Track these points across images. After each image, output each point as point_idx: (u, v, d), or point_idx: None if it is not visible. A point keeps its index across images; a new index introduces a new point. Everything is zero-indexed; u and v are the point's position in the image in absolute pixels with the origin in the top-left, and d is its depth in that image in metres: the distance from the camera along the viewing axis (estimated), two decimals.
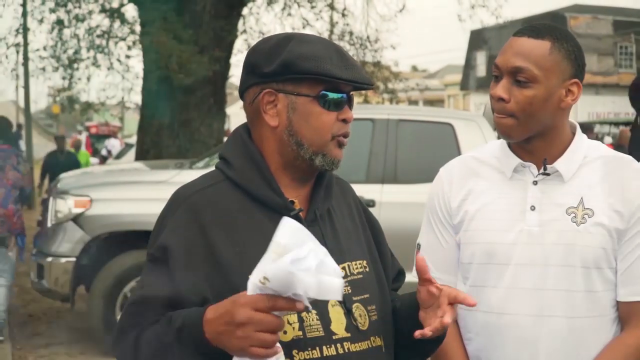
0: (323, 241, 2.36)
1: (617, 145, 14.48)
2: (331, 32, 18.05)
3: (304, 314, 2.27)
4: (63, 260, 8.26)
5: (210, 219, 2.30)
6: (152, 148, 13.90)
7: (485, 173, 2.79)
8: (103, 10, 15.00)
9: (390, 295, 2.57)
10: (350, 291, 2.38)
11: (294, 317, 2.26)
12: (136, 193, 8.35)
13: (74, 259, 8.23)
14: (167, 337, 2.14)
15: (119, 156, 23.45)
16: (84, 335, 9.05)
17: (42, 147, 32.24)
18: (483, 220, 2.72)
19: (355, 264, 2.45)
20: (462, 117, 9.26)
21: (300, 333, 2.26)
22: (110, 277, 8.14)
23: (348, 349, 2.31)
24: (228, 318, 2.03)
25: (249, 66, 2.38)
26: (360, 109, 9.00)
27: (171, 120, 13.83)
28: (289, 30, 17.77)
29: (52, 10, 14.99)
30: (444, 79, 67.13)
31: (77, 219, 8.27)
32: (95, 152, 27.41)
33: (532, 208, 2.67)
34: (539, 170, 2.69)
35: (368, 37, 17.78)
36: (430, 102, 61.26)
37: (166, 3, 13.42)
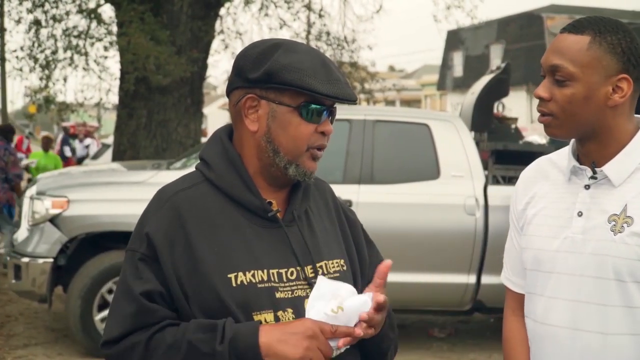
0: (302, 241, 2.43)
1: None
2: (308, 32, 18.08)
3: (280, 312, 2.34)
4: (40, 261, 8.25)
5: (191, 219, 2.37)
6: (129, 149, 13.89)
7: (552, 175, 2.67)
8: (80, 11, 14.96)
9: None
10: None
11: (270, 316, 2.33)
12: (114, 194, 8.36)
13: (51, 260, 8.22)
14: (205, 346, 2.23)
15: (96, 157, 23.37)
16: (62, 336, 9.06)
17: None
18: (537, 225, 2.63)
19: (333, 263, 2.51)
20: (438, 118, 9.30)
21: None
22: (88, 278, 8.14)
23: None
24: (301, 329, 2.24)
25: (237, 69, 2.44)
26: (337, 110, 9.01)
27: (148, 121, 13.83)
28: (265, 30, 17.81)
29: (30, 11, 14.93)
30: (421, 79, 67.20)
31: (54, 220, 8.28)
32: (72, 152, 27.25)
33: (580, 214, 2.52)
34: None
35: (345, 38, 17.82)
36: (407, 103, 61.31)
37: (143, 4, 13.41)
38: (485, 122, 10.09)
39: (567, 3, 50.76)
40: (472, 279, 8.50)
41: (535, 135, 10.71)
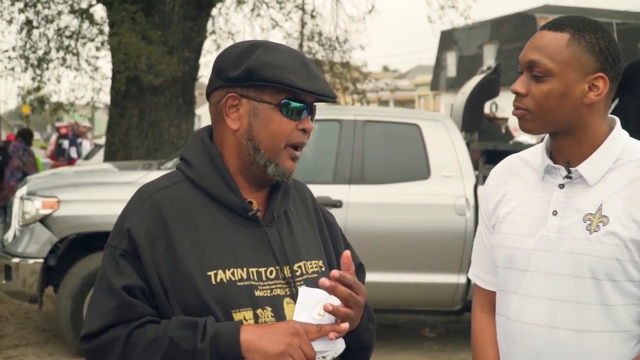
0: (280, 241, 2.44)
1: None
2: (301, 33, 18.09)
3: (259, 311, 2.36)
4: (31, 261, 8.24)
5: (171, 217, 2.39)
6: (120, 149, 13.88)
7: (524, 174, 2.68)
8: (72, 11, 14.95)
9: None
10: None
11: (249, 314, 2.35)
12: (104, 194, 8.34)
13: (41, 260, 8.22)
14: (186, 343, 2.24)
15: (88, 157, 23.35)
16: (52, 336, 9.07)
17: None
18: (510, 224, 2.64)
19: (311, 264, 2.53)
20: (428, 118, 9.32)
21: None
22: (79, 278, 8.14)
23: None
24: (283, 328, 2.26)
25: (217, 69, 2.47)
26: (327, 110, 9.04)
27: (140, 121, 13.82)
28: (258, 31, 17.80)
29: (21, 11, 14.92)
30: (415, 79, 67.25)
31: (44, 220, 8.28)
32: (62, 153, 27.24)
33: (554, 213, 2.53)
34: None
35: (337, 38, 17.84)
36: (400, 103, 61.36)
37: (134, 4, 13.41)
38: (476, 122, 10.11)
39: (561, 3, 50.86)
40: (462, 278, 8.50)
41: (526, 135, 10.73)
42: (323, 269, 2.55)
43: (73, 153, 25.76)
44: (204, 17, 14.70)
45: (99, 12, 15.54)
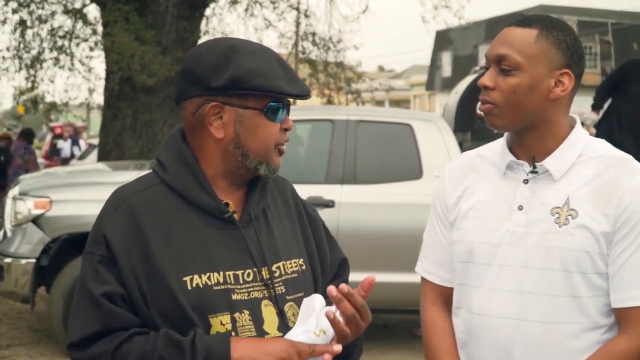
0: (257, 242, 2.43)
1: None
2: (297, 33, 18.09)
3: (236, 314, 2.34)
4: (23, 261, 8.23)
5: (147, 221, 2.36)
6: (114, 149, 13.86)
7: (484, 170, 2.72)
8: (66, 11, 14.94)
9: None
10: (284, 290, 2.45)
11: (227, 318, 2.33)
12: (97, 194, 8.25)
13: (34, 260, 8.21)
14: None
15: (82, 157, 23.34)
16: (44, 336, 9.06)
17: None
18: (473, 219, 2.67)
19: (290, 263, 2.51)
20: (421, 118, 9.31)
21: (233, 333, 2.32)
22: (71, 279, 8.10)
23: None
24: (276, 349, 2.24)
25: (193, 78, 2.40)
26: (320, 110, 9.05)
27: (133, 121, 13.81)
28: (252, 30, 17.78)
29: (15, 11, 14.90)
30: (410, 79, 67.25)
31: (37, 220, 8.27)
32: (57, 153, 27.24)
33: (520, 208, 2.58)
34: (531, 167, 2.60)
35: (331, 38, 17.83)
36: (396, 103, 61.36)
37: (128, 4, 13.40)
38: (469, 122, 10.12)
39: (556, 3, 50.90)
40: None
41: None
42: (303, 267, 2.55)
43: (77, 152, 25.82)
44: (198, 17, 14.68)
45: (93, 12, 15.54)
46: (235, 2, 15.93)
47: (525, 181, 2.60)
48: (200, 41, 15.12)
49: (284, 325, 2.41)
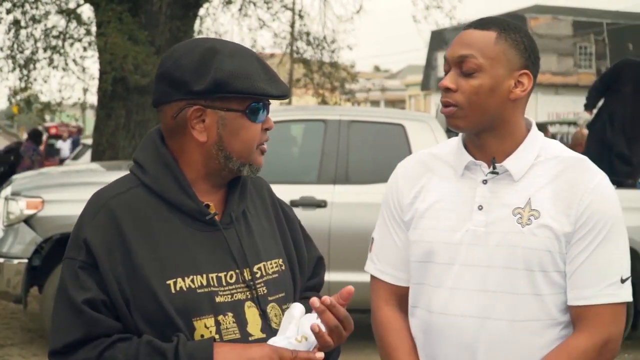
0: (239, 243, 2.42)
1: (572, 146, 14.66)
2: (292, 33, 18.09)
3: (220, 317, 2.33)
4: (15, 261, 8.22)
5: (128, 224, 2.33)
6: (108, 149, 13.86)
7: (439, 170, 2.73)
8: (60, 11, 14.93)
9: (303, 294, 2.65)
10: (265, 291, 2.45)
11: (211, 321, 2.32)
12: (89, 194, 8.13)
13: (26, 261, 8.20)
14: None
15: (77, 157, 23.32)
16: (37, 336, 9.05)
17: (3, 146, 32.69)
18: (431, 219, 2.68)
19: (271, 264, 2.51)
20: (413, 118, 9.32)
21: (217, 336, 2.32)
22: None
23: None
24: (258, 354, 2.23)
25: (173, 81, 2.38)
26: (312, 110, 9.05)
27: (127, 121, 13.81)
28: (245, 30, 17.78)
29: (9, 11, 14.90)
30: (405, 79, 67.20)
31: (29, 220, 8.26)
32: (54, 153, 27.25)
33: (480, 208, 2.61)
34: (489, 168, 2.63)
35: (325, 38, 17.84)
36: (391, 103, 61.33)
37: (121, 4, 13.39)
38: None
39: (551, 3, 50.93)
40: None
41: None
42: (283, 267, 2.55)
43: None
44: (191, 17, 14.69)
45: (87, 12, 15.54)
46: (229, 2, 15.95)
47: (484, 181, 2.63)
48: None
49: (267, 327, 2.41)
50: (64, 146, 26.77)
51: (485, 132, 2.62)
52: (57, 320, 2.32)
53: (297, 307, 2.34)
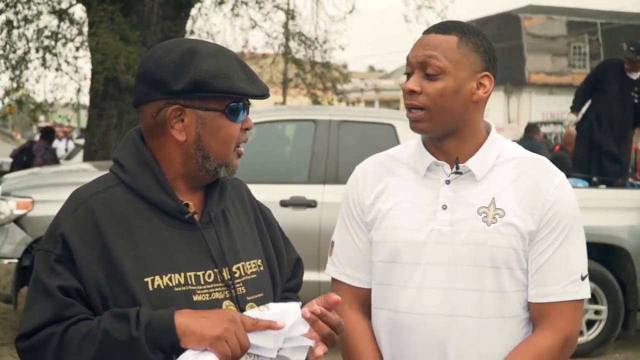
0: (218, 243, 2.43)
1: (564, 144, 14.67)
2: (286, 34, 18.09)
3: None
4: (5, 261, 8.23)
5: (107, 222, 2.34)
6: (100, 149, 13.86)
7: (399, 171, 2.77)
8: (53, 11, 14.92)
9: (282, 295, 2.66)
10: (244, 291, 2.45)
11: None
12: None
13: (16, 261, 8.20)
14: (120, 334, 2.18)
15: (69, 157, 23.30)
16: None
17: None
18: (395, 219, 2.71)
19: (250, 264, 2.52)
20: (403, 118, 9.28)
21: None
22: None
23: None
24: (220, 313, 2.22)
25: (153, 81, 2.39)
26: (302, 110, 9.05)
27: (119, 121, 13.80)
28: (238, 30, 17.78)
29: (1, 11, 14.88)
30: (400, 79, 67.14)
31: (19, 221, 8.26)
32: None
33: (444, 207, 2.65)
34: (452, 169, 2.67)
35: (317, 38, 17.85)
36: (386, 103, 61.26)
37: (113, 4, 13.39)
38: None
39: (545, 3, 50.94)
40: None
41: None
42: (262, 267, 2.56)
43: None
44: (183, 17, 14.69)
45: (79, 12, 15.54)
46: (222, 3, 15.94)
47: (447, 182, 2.68)
48: None
49: None
50: (60, 146, 26.76)
51: (448, 136, 2.66)
52: (28, 307, 2.32)
53: (293, 308, 2.32)
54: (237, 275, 2.45)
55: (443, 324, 2.62)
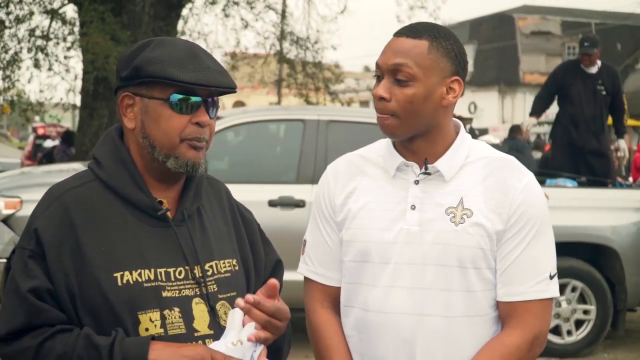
0: (190, 241, 2.44)
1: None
2: (280, 34, 18.09)
3: (166, 311, 2.36)
4: None
5: (80, 217, 2.37)
6: (90, 149, 13.80)
7: (370, 171, 2.77)
8: (45, 11, 14.91)
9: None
10: (216, 289, 2.47)
11: (156, 315, 2.35)
12: None
13: (4, 260, 8.18)
14: None
15: None
16: None
17: None
18: (364, 218, 2.72)
19: (224, 263, 2.53)
20: None
21: (162, 330, 2.35)
22: None
23: None
24: (191, 353, 2.26)
25: (117, 72, 2.47)
26: (291, 110, 9.05)
27: (110, 121, 13.79)
28: (230, 31, 17.79)
29: None
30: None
31: (7, 220, 8.25)
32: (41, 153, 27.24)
33: (413, 207, 2.66)
34: (421, 169, 2.68)
35: (308, 37, 17.85)
36: None
37: (104, 4, 13.38)
38: None
39: (539, 4, 50.98)
40: None
41: (489, 135, 10.82)
42: (237, 267, 2.57)
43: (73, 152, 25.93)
44: (174, 17, 14.69)
45: (71, 12, 15.52)
46: (214, 3, 15.93)
47: (416, 182, 2.68)
48: None
49: (216, 324, 2.43)
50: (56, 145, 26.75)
51: (417, 137, 2.67)
52: (4, 308, 2.36)
53: (236, 312, 2.36)
54: (209, 273, 2.47)
55: (411, 323, 2.63)
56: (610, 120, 10.69)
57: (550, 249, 2.71)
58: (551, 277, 2.68)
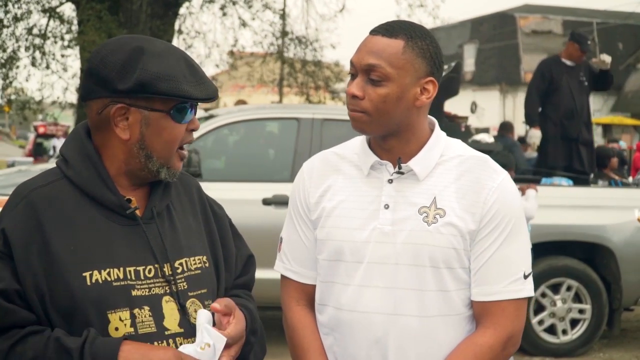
0: (160, 238, 2.43)
1: None
2: (282, 33, 18.09)
3: (136, 310, 2.34)
4: None
5: (47, 216, 2.34)
6: None
7: (345, 169, 2.77)
8: (43, 10, 14.93)
9: (232, 291, 2.66)
10: (186, 287, 2.46)
11: (126, 314, 2.33)
12: None
13: None
14: None
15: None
16: None
17: None
18: (338, 217, 2.71)
19: (194, 260, 2.51)
20: None
21: (132, 329, 2.33)
22: None
23: (181, 344, 2.38)
24: (160, 357, 2.25)
25: (99, 79, 2.37)
26: (286, 109, 9.02)
27: None
28: (229, 30, 17.79)
29: None
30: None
31: None
32: (43, 152, 27.28)
33: (386, 207, 2.65)
34: (394, 168, 2.67)
35: (308, 37, 17.87)
36: None
37: (102, 2, 13.39)
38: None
39: (540, 3, 50.93)
40: None
41: (484, 134, 10.78)
42: (207, 264, 2.55)
43: None
44: (172, 15, 14.70)
45: (68, 11, 15.54)
46: (211, 2, 15.95)
47: (390, 181, 2.67)
48: (174, 40, 15.16)
49: (186, 322, 2.42)
50: (59, 144, 26.81)
51: (390, 136, 2.65)
52: None
53: (202, 314, 2.37)
54: (179, 270, 2.46)
55: (384, 322, 2.62)
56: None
57: (524, 249, 2.69)
58: (525, 277, 2.66)
